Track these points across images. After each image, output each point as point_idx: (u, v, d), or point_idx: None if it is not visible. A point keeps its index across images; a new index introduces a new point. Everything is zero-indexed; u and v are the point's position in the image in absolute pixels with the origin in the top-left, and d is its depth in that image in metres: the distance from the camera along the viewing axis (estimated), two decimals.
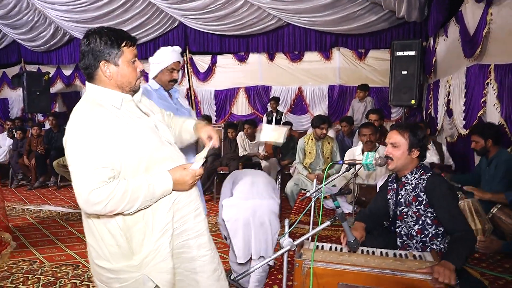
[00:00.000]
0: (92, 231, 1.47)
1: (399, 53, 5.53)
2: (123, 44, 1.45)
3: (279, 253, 1.55)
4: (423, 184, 1.98)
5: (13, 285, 2.94)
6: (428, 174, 2.00)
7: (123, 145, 1.40)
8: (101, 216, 1.42)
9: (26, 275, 3.12)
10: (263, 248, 2.23)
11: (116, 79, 1.46)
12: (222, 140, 6.39)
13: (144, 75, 2.73)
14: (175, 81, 2.54)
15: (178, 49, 2.52)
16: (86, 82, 1.50)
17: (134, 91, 1.54)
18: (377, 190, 3.32)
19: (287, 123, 6.13)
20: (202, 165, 1.54)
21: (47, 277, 3.08)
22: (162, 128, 1.60)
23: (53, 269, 3.24)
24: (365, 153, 2.18)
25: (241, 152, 5.91)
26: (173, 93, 2.60)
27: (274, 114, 7.14)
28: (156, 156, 1.49)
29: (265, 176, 2.56)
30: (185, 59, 8.41)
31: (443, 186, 1.94)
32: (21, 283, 2.97)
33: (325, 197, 2.54)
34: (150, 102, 1.70)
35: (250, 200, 2.21)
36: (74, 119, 1.40)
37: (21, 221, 4.65)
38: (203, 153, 1.56)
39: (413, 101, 5.53)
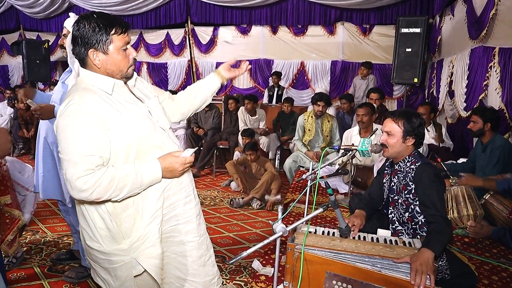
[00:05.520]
0: (84, 215, 1.50)
1: (404, 30, 5.39)
2: (113, 31, 1.40)
3: (272, 238, 1.59)
4: (412, 174, 2.00)
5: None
6: (417, 164, 2.01)
7: (113, 132, 1.39)
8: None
9: (29, 244, 3.22)
10: None
11: (106, 67, 1.44)
12: (223, 114, 6.39)
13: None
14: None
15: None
16: (80, 67, 1.49)
17: (127, 77, 1.52)
18: (374, 172, 3.36)
19: (288, 99, 6.09)
20: (194, 152, 1.54)
21: (49, 247, 3.18)
22: (156, 114, 1.58)
23: (55, 239, 3.33)
24: (361, 139, 2.19)
25: (241, 127, 5.92)
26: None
27: (276, 89, 7.10)
28: (148, 143, 1.48)
29: None
30: (186, 29, 8.26)
31: (430, 176, 1.94)
32: (24, 253, 3.05)
33: (322, 177, 2.58)
34: (146, 87, 1.67)
35: None
36: (64, 105, 1.39)
37: None
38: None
39: (415, 80, 5.43)
